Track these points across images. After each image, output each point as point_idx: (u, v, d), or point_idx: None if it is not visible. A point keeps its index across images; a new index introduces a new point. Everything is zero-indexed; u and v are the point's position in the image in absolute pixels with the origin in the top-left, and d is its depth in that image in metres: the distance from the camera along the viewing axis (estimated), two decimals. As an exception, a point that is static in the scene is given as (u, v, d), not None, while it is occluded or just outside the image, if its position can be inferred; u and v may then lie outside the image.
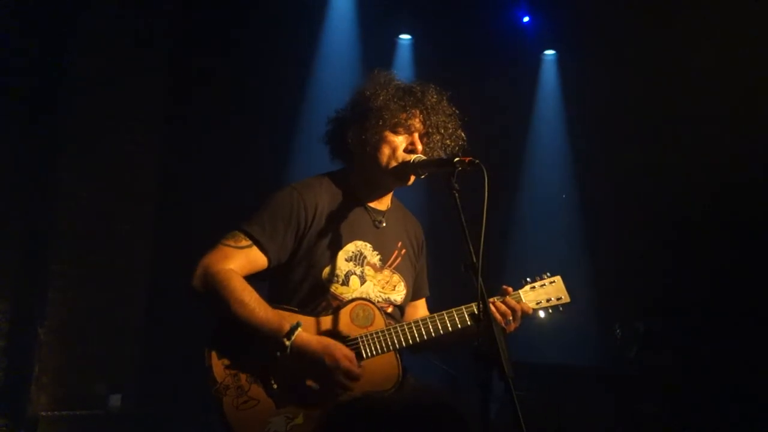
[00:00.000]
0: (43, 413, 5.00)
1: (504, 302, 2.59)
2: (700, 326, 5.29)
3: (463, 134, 2.70)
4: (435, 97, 2.65)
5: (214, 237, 2.51)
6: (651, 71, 5.95)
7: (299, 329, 2.37)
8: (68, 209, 5.36)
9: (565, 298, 2.73)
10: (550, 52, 6.77)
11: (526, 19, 6.54)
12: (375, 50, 6.38)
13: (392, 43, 6.60)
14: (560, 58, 6.74)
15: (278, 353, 2.36)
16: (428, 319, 2.54)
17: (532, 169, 6.77)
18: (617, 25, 5.99)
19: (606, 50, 6.09)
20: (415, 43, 6.59)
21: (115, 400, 5.30)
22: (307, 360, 2.36)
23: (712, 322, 5.22)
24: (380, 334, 2.48)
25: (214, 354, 2.39)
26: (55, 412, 5.05)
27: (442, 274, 3.01)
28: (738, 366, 4.87)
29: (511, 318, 2.57)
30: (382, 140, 2.59)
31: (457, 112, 2.71)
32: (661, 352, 5.06)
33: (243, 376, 2.37)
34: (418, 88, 2.66)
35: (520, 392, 2.04)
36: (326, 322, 2.48)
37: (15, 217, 5.27)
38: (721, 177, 5.42)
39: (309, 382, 2.40)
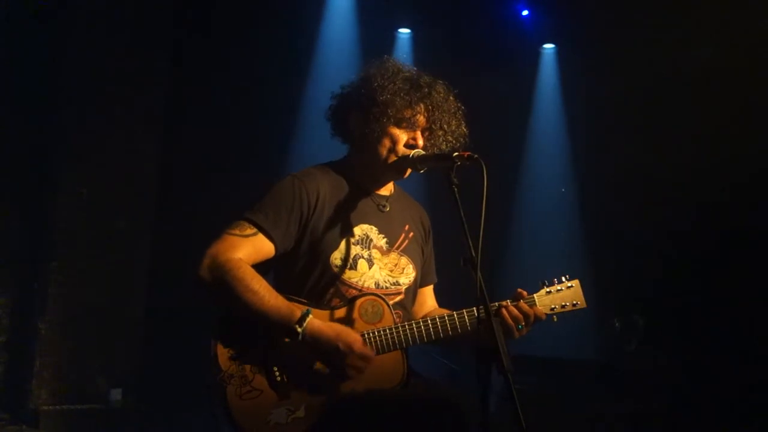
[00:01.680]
0: (44, 408, 5.02)
1: (517, 307, 2.54)
2: (699, 322, 5.30)
3: (465, 131, 2.70)
4: (442, 93, 2.65)
5: (214, 233, 2.50)
6: (651, 65, 5.94)
7: (310, 315, 2.37)
8: (68, 205, 5.36)
9: (581, 303, 2.64)
10: (549, 45, 6.76)
11: (525, 12, 6.52)
12: (374, 44, 6.37)
13: (391, 37, 6.59)
14: (559, 52, 6.73)
15: (290, 340, 2.35)
16: (437, 319, 2.53)
17: (531, 163, 6.77)
18: (617, 19, 5.98)
19: (606, 44, 6.08)
20: (415, 37, 6.59)
21: (116, 394, 5.31)
22: (320, 345, 2.36)
23: (712, 319, 5.23)
24: (388, 331, 2.48)
25: (219, 342, 2.39)
26: (56, 407, 5.06)
27: (443, 269, 3.01)
28: (738, 364, 4.88)
29: (523, 324, 2.53)
30: (385, 134, 2.59)
31: (462, 108, 2.70)
32: (660, 347, 5.07)
33: (247, 366, 2.38)
34: (426, 82, 2.64)
35: (519, 386, 2.05)
36: (334, 315, 2.48)
37: (15, 213, 5.27)
38: (722, 173, 5.42)
39: (318, 367, 2.40)
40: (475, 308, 2.49)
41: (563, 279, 2.66)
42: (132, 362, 5.53)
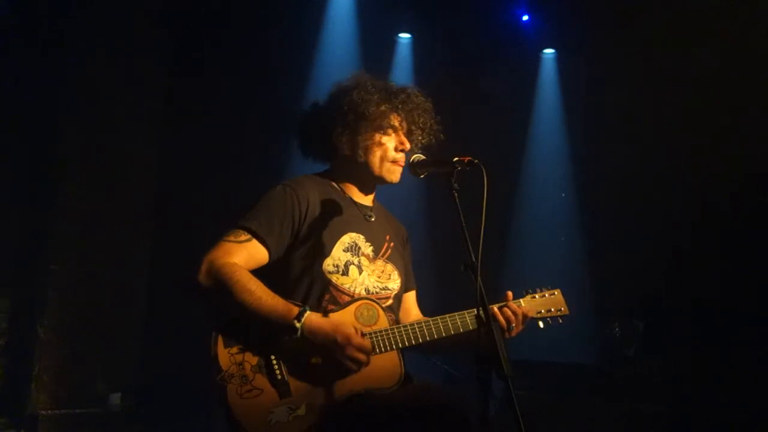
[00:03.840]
0: (43, 412, 5.01)
1: (507, 307, 2.65)
2: (699, 325, 5.30)
3: (438, 125, 2.83)
4: (415, 95, 2.80)
5: (214, 236, 2.55)
6: (651, 70, 5.95)
7: (308, 312, 2.41)
8: (68, 208, 5.36)
9: (565, 310, 2.80)
10: (549, 50, 6.77)
11: (525, 17, 6.54)
12: (374, 49, 6.39)
13: (392, 42, 6.60)
14: (559, 57, 6.74)
15: (289, 337, 2.39)
16: (431, 322, 2.60)
17: (531, 168, 6.77)
18: (617, 24, 5.99)
19: (605, 49, 6.09)
20: (415, 42, 6.60)
21: (115, 398, 5.31)
22: (319, 340, 2.40)
23: (712, 322, 5.23)
24: (384, 332, 2.53)
25: (220, 342, 2.42)
26: (55, 411, 5.05)
27: (443, 274, 3.02)
28: (737, 366, 4.88)
29: (514, 324, 2.63)
30: (375, 143, 2.71)
31: (430, 100, 2.83)
32: (660, 352, 5.07)
33: (248, 365, 2.40)
34: (399, 88, 2.79)
35: (519, 391, 2.06)
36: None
37: (15, 216, 5.26)
38: (721, 176, 5.42)
39: (319, 364, 2.43)
40: (469, 311, 2.61)
41: (545, 288, 2.81)
42: (131, 366, 5.53)
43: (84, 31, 5.47)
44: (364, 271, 2.67)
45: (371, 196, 2.86)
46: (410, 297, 2.95)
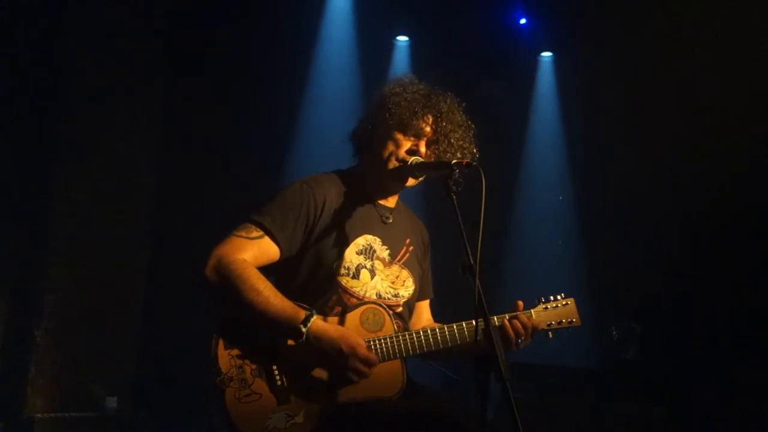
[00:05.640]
0: (39, 416, 5.00)
1: (518, 320, 2.58)
2: (697, 327, 5.31)
3: (474, 149, 2.70)
4: (448, 105, 2.68)
5: (212, 239, 2.49)
6: (648, 73, 5.96)
7: (315, 317, 2.37)
8: (66, 211, 5.36)
9: (577, 321, 2.71)
10: (546, 53, 6.78)
11: (523, 21, 6.55)
12: (372, 52, 6.40)
13: (390, 45, 6.61)
14: (557, 60, 6.76)
15: (293, 342, 2.35)
16: (437, 330, 2.55)
17: (529, 171, 6.78)
18: (614, 27, 6.01)
19: (603, 52, 6.10)
20: (413, 45, 6.61)
21: (112, 402, 5.30)
22: (324, 346, 2.36)
23: (711, 323, 5.24)
24: (388, 340, 2.48)
25: (221, 344, 2.38)
26: (51, 415, 5.04)
27: (443, 279, 3.01)
28: (736, 367, 4.88)
29: (522, 338, 2.57)
30: (389, 138, 2.62)
31: (473, 127, 2.72)
32: (659, 354, 5.07)
33: (248, 369, 2.37)
34: (437, 95, 2.69)
35: (517, 393, 2.05)
36: (335, 323, 2.48)
37: (12, 219, 5.25)
38: (719, 178, 5.43)
39: (320, 372, 2.40)
40: (473, 321, 2.50)
41: (558, 297, 2.72)
42: (127, 370, 5.51)
43: (84, 32, 5.46)
44: (378, 275, 2.61)
45: (394, 198, 2.77)
46: (423, 305, 2.89)
